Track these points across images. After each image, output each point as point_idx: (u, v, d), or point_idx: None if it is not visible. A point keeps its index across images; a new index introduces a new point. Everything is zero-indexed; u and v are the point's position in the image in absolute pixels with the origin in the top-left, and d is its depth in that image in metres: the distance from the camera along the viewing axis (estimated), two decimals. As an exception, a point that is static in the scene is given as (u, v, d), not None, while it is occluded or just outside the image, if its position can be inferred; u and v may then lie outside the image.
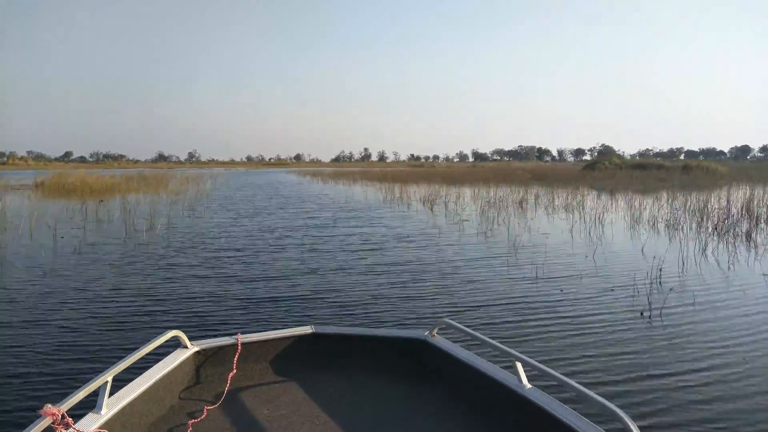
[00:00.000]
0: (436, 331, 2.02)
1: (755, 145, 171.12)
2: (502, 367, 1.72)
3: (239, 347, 1.93)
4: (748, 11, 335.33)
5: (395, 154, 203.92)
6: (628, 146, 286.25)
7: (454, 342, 1.97)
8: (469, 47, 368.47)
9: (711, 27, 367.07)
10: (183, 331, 1.86)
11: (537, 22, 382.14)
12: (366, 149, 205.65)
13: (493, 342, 1.70)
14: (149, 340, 1.70)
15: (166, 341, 1.75)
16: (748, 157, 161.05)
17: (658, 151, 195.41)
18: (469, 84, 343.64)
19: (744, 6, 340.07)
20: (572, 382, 1.40)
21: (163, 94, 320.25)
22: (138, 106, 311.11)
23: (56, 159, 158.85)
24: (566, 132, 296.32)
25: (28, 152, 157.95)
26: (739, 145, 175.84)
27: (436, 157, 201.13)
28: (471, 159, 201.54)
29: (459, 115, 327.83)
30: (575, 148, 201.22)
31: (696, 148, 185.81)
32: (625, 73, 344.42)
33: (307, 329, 2.08)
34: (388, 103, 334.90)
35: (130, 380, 1.60)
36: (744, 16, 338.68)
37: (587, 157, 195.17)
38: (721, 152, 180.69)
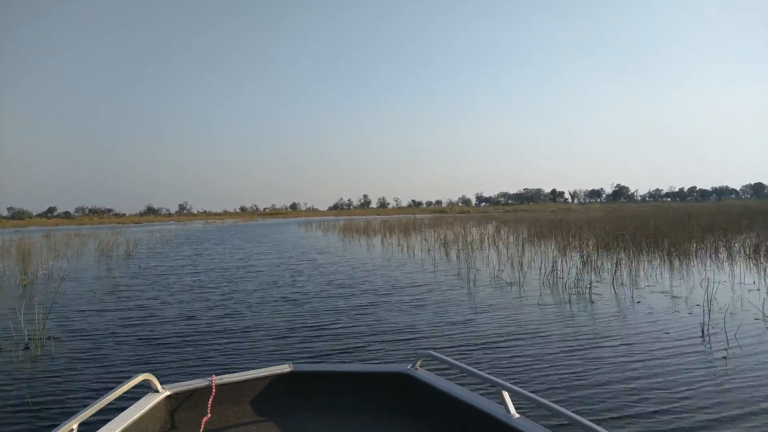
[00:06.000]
0: (419, 364, 1.95)
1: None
2: (489, 398, 1.64)
3: (213, 389, 1.85)
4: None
5: (396, 200, 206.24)
6: (640, 186, 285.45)
7: (439, 374, 1.88)
8: (472, 96, 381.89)
9: (722, 63, 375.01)
10: (154, 374, 1.79)
11: (539, 65, 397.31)
12: (365, 196, 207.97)
13: (478, 372, 1.63)
14: (118, 384, 1.63)
15: (136, 385, 1.68)
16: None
17: (669, 191, 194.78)
18: (465, 129, 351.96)
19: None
20: (562, 408, 1.33)
21: (152, 146, 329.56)
22: (126, 159, 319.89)
23: (38, 215, 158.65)
24: (571, 174, 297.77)
25: (9, 208, 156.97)
26: (752, 182, 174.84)
27: (438, 202, 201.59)
28: (475, 203, 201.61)
29: (457, 160, 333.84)
30: (589, 189, 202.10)
31: (708, 187, 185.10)
32: (633, 113, 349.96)
33: (285, 368, 2.00)
34: (385, 150, 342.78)
35: (98, 427, 1.52)
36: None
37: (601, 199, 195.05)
38: (734, 190, 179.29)
